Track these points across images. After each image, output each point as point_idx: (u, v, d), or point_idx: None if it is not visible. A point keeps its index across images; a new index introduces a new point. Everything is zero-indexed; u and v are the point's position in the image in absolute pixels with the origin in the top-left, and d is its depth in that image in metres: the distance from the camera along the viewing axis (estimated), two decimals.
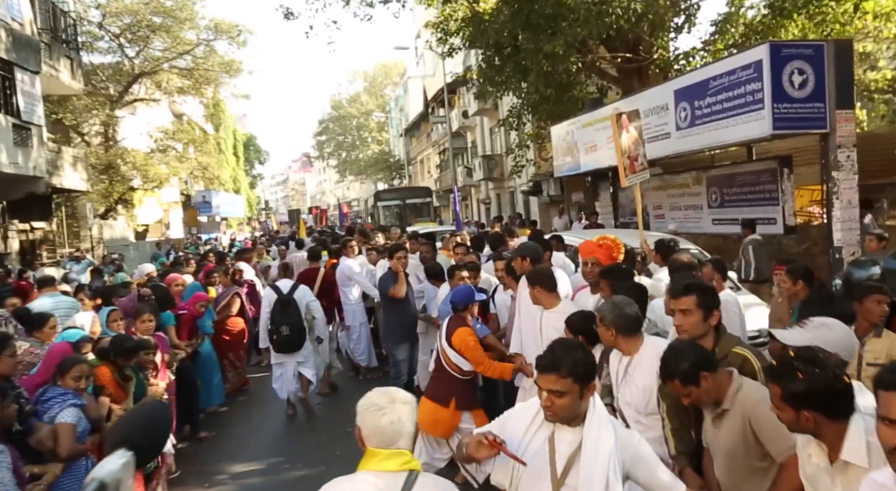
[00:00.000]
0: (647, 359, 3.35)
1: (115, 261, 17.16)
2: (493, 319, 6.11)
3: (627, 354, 3.49)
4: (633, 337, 3.45)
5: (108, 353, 4.57)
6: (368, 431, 2.17)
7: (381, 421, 2.15)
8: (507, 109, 20.32)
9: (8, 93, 14.76)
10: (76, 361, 4.07)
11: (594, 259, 4.74)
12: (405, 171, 54.19)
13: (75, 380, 3.98)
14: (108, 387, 4.46)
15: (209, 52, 29.15)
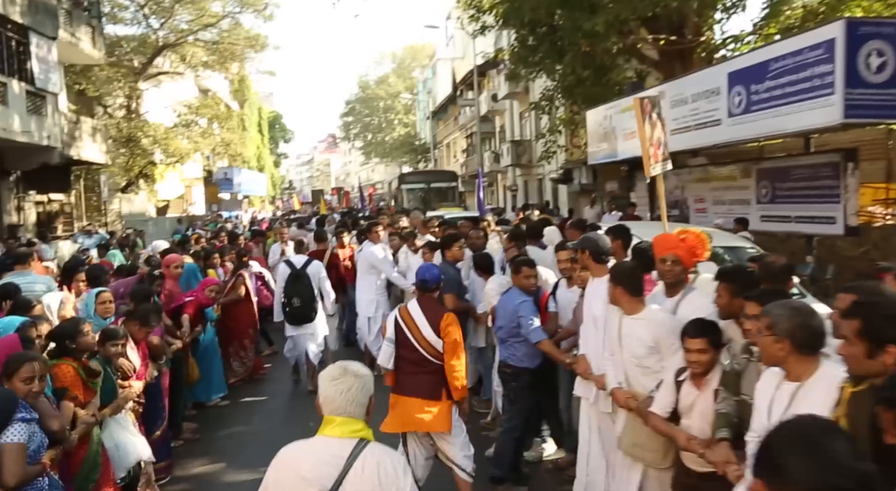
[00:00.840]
0: (822, 390, 2.54)
1: (129, 236, 16.67)
2: (552, 319, 5.40)
3: (795, 379, 2.64)
4: (810, 357, 2.63)
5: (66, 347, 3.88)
6: (323, 399, 2.38)
7: (332, 390, 2.36)
8: (539, 93, 19.41)
9: (22, 58, 14.24)
10: (25, 357, 3.33)
11: (674, 256, 3.97)
12: (431, 154, 53.42)
13: (25, 382, 3.28)
14: (72, 388, 3.78)
15: (235, 25, 28.49)
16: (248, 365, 7.92)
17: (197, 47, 29.12)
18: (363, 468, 2.28)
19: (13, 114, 13.48)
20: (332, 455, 2.30)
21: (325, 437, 2.36)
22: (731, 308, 3.45)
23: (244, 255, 8.17)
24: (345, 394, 2.35)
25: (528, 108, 29.35)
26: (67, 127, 18.93)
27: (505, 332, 5.11)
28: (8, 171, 15.39)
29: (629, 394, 3.86)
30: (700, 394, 3.36)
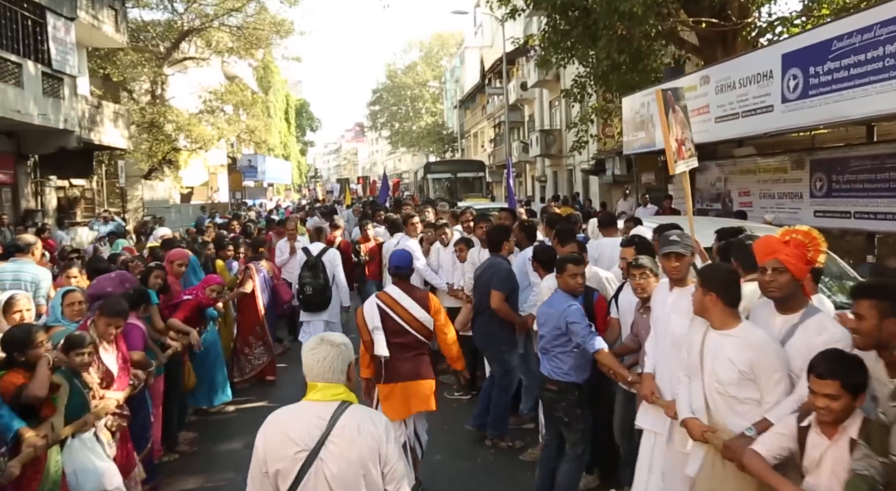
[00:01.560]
0: None
1: (146, 224, 16.28)
2: (613, 327, 4.68)
3: None
4: None
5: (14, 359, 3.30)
6: (306, 368, 2.57)
7: (311, 359, 2.55)
8: (570, 80, 18.59)
9: (39, 39, 13.84)
10: None
11: (777, 263, 3.10)
12: (458, 144, 52.74)
13: None
14: None
15: (260, 9, 28.01)
16: (256, 365, 7.35)
17: (222, 32, 28.73)
18: (344, 428, 2.43)
19: (28, 96, 13.09)
20: (316, 417, 2.46)
21: (308, 401, 2.53)
22: (879, 336, 2.65)
23: (260, 245, 7.58)
24: (321, 362, 2.52)
25: (558, 96, 28.54)
26: (88, 111, 18.61)
27: (549, 340, 4.40)
28: (25, 155, 15.07)
29: (707, 427, 3.10)
30: (831, 445, 2.61)
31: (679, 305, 3.49)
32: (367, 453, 2.43)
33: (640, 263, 4.02)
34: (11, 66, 12.59)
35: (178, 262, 5.94)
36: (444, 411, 6.10)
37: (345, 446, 2.40)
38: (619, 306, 4.63)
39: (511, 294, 5.67)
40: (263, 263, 7.42)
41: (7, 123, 13.22)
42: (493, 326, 5.73)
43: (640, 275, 4.03)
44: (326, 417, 2.45)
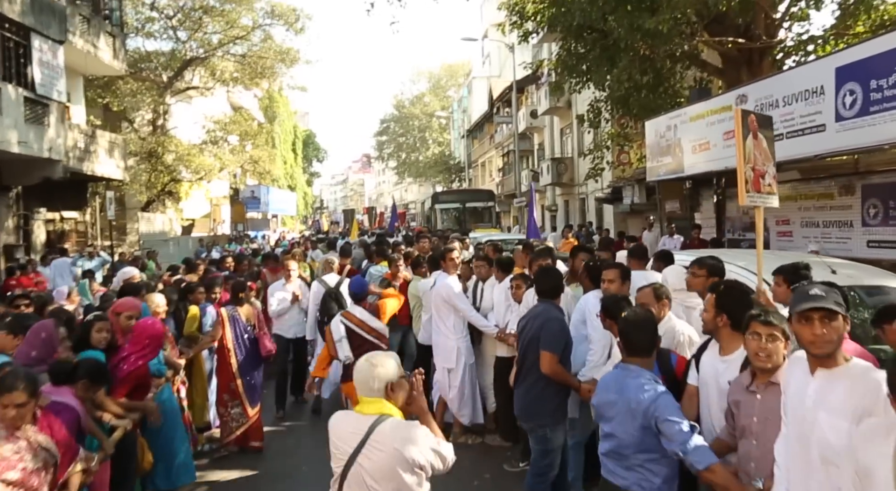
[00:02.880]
0: None
1: (137, 258, 15.31)
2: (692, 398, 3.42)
3: None
4: None
5: None
6: (356, 385, 2.92)
7: (357, 376, 2.91)
8: (586, 106, 17.70)
9: (21, 61, 13.04)
10: None
11: None
12: (465, 174, 51.97)
13: None
14: None
15: (265, 38, 27.44)
16: (234, 428, 6.22)
17: (226, 61, 28.18)
18: (377, 440, 2.72)
19: (7, 122, 12.24)
20: (357, 427, 2.78)
21: (355, 412, 2.89)
22: None
23: (240, 289, 6.44)
24: (360, 378, 2.88)
25: (569, 123, 27.72)
26: (83, 141, 17.83)
27: (624, 444, 3.14)
28: (7, 186, 14.18)
29: None
30: None
31: (829, 399, 2.34)
32: (398, 463, 2.69)
33: (769, 319, 2.79)
34: None
35: (127, 313, 4.82)
36: None
37: (376, 456, 2.70)
38: (701, 371, 3.39)
39: (565, 353, 4.56)
40: (242, 309, 6.31)
41: None
42: (538, 393, 4.56)
43: (769, 336, 2.78)
44: (364, 428, 2.74)
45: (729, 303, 3.20)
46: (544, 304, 4.69)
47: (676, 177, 12.02)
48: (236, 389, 6.22)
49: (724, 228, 12.18)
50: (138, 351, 4.52)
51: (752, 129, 5.76)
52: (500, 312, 6.24)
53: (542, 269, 4.99)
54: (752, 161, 5.72)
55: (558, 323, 4.54)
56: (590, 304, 4.81)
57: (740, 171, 5.55)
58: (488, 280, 6.73)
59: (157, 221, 25.34)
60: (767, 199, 5.88)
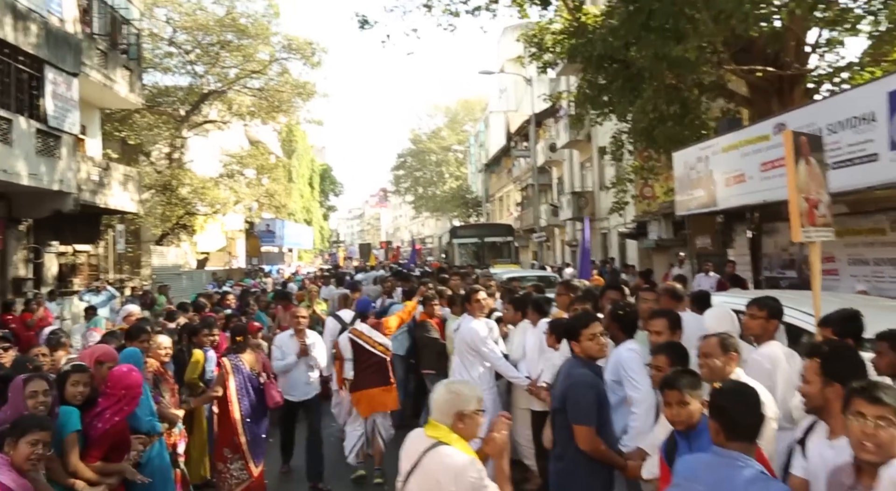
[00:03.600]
0: None
1: (147, 293, 14.89)
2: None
3: None
4: None
5: None
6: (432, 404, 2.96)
7: (432, 396, 2.97)
8: (608, 138, 17.24)
9: (34, 93, 12.81)
10: None
11: None
12: (483, 208, 51.63)
13: None
14: None
15: (282, 72, 27.44)
16: (234, 484, 5.60)
17: (243, 95, 28.21)
18: (427, 464, 2.79)
19: (18, 154, 11.95)
20: (416, 448, 2.86)
21: (422, 433, 2.93)
22: None
23: (239, 333, 5.88)
24: (436, 403, 2.90)
25: (589, 157, 27.29)
26: (97, 173, 17.61)
27: None
28: (17, 218, 13.86)
29: None
30: None
31: None
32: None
33: (878, 395, 2.19)
34: None
35: (101, 361, 4.27)
36: None
37: (421, 480, 2.79)
38: (809, 459, 2.75)
39: (604, 422, 3.82)
40: (245, 355, 5.75)
41: None
42: (574, 470, 3.81)
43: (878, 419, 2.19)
44: (420, 450, 2.83)
45: (841, 370, 2.56)
46: (574, 360, 3.97)
47: (708, 211, 11.41)
48: (239, 444, 5.62)
49: (759, 266, 11.52)
50: (113, 405, 3.94)
51: (803, 153, 5.19)
52: (533, 360, 5.60)
53: (574, 317, 4.36)
54: (804, 190, 5.16)
55: (585, 386, 3.74)
56: (625, 358, 4.11)
57: (793, 202, 4.97)
58: (520, 324, 6.09)
59: (171, 255, 25.04)
60: (823, 232, 5.29)
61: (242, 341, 5.85)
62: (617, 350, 4.26)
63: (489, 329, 5.99)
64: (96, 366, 4.19)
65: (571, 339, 3.99)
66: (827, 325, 3.90)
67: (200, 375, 5.94)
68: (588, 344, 3.88)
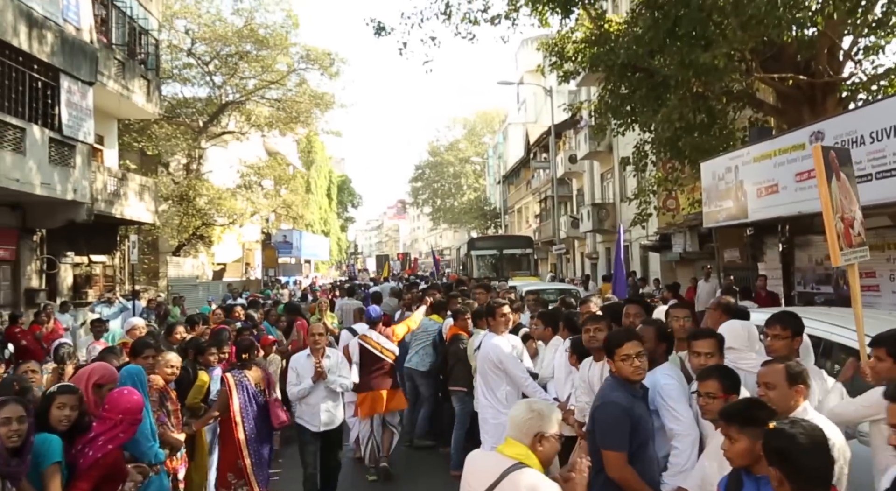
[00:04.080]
0: None
1: (161, 304, 14.66)
2: None
3: None
4: None
5: None
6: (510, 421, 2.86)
7: (511, 414, 2.88)
8: (630, 149, 16.82)
9: (49, 102, 12.69)
10: None
11: None
12: (501, 220, 51.24)
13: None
14: None
15: (300, 83, 27.36)
16: None
17: (261, 106, 28.16)
18: (510, 487, 2.63)
19: (31, 163, 11.80)
20: (493, 468, 2.71)
21: (496, 453, 2.82)
22: None
23: (245, 350, 5.55)
24: (514, 420, 2.82)
25: (610, 168, 26.82)
26: (113, 183, 17.51)
27: None
28: (31, 228, 13.73)
29: None
30: None
31: None
32: None
33: None
34: (12, 130, 11.35)
35: (99, 383, 3.85)
36: None
37: None
38: None
39: (640, 449, 3.44)
40: (250, 372, 5.40)
41: (7, 194, 11.89)
42: None
43: None
44: (499, 470, 2.67)
45: None
46: (613, 381, 3.64)
47: (738, 223, 10.94)
48: (243, 468, 5.26)
49: (792, 280, 11.01)
50: (108, 431, 3.59)
51: (834, 168, 4.80)
52: (560, 380, 5.17)
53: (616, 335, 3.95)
54: (839, 209, 4.76)
55: (616, 407, 3.42)
56: (663, 386, 3.67)
57: (829, 225, 4.57)
58: (551, 341, 5.67)
59: (187, 266, 24.91)
60: (860, 252, 4.90)
61: (248, 357, 5.51)
62: (652, 376, 3.81)
63: (512, 346, 5.60)
64: (94, 388, 3.85)
65: (609, 358, 3.68)
66: (879, 345, 3.51)
67: (204, 398, 5.60)
68: (621, 365, 3.56)
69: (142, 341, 5.29)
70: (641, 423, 3.47)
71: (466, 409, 6.65)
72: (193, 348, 5.93)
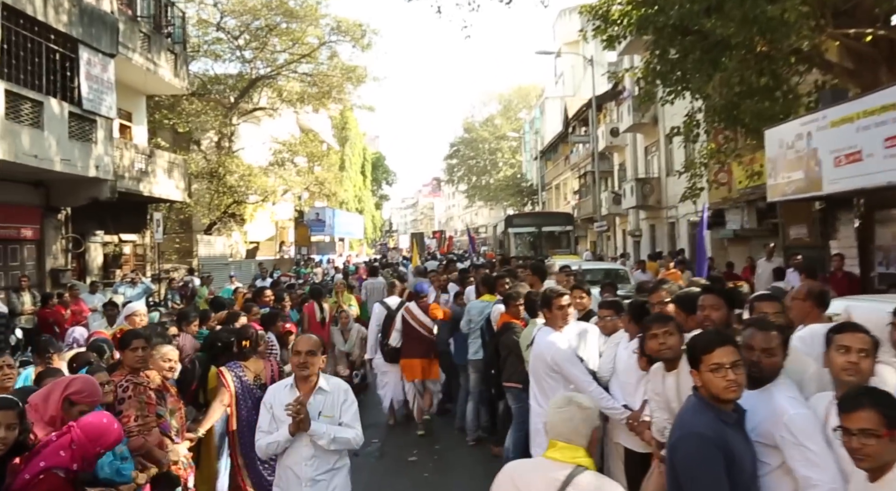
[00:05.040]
0: None
1: (186, 284, 14.18)
2: None
3: None
4: None
5: None
6: (549, 425, 2.59)
7: (556, 417, 2.55)
8: (681, 118, 15.68)
9: (68, 75, 12.13)
10: None
11: None
12: (538, 197, 50.06)
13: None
14: None
15: (331, 56, 26.59)
16: None
17: (293, 81, 27.49)
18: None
19: (50, 139, 11.29)
20: (551, 477, 2.45)
21: (546, 459, 2.54)
22: None
23: (244, 337, 4.74)
24: (567, 422, 2.52)
25: (655, 141, 25.54)
26: (142, 161, 17.07)
27: None
28: (55, 207, 13.30)
29: None
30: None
31: None
32: None
33: None
34: (29, 104, 10.81)
35: (83, 408, 3.07)
36: None
37: None
38: None
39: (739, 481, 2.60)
40: (249, 363, 4.69)
41: (27, 171, 11.41)
42: None
43: None
44: (561, 478, 2.44)
45: None
46: (694, 398, 2.79)
47: (811, 196, 9.86)
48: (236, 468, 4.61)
49: (871, 260, 9.92)
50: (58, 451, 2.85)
51: None
52: (630, 384, 4.28)
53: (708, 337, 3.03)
54: None
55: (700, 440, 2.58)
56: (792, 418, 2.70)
57: None
58: (614, 335, 4.71)
59: (218, 244, 24.54)
60: None
61: (249, 347, 4.80)
62: (768, 397, 2.81)
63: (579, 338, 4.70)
64: (66, 403, 3.14)
65: (692, 367, 2.80)
66: None
67: None
68: (710, 377, 2.68)
69: (132, 332, 4.54)
70: (738, 460, 2.60)
71: (525, 407, 5.50)
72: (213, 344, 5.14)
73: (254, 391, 4.67)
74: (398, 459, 6.94)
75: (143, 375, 3.98)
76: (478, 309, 7.16)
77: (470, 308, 7.31)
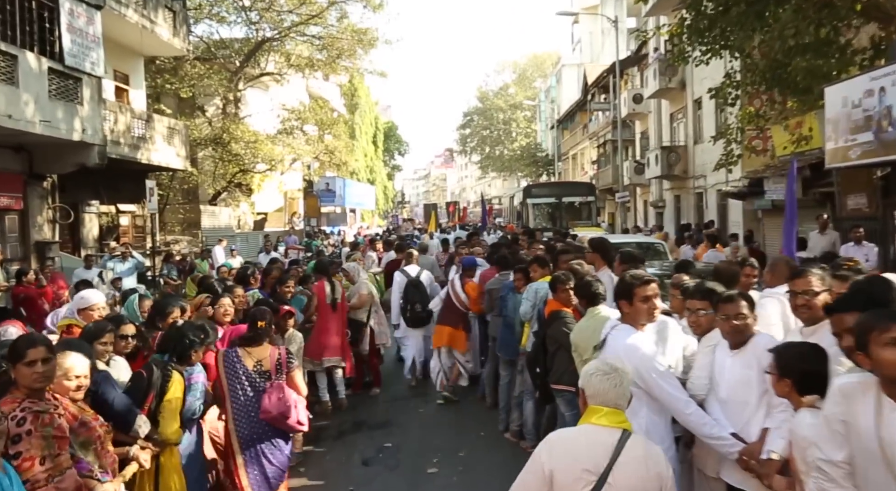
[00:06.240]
0: None
1: (184, 258, 13.22)
2: None
3: None
4: None
5: None
6: (592, 392, 2.58)
7: (606, 384, 2.55)
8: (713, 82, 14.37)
9: (48, 26, 11.03)
10: None
11: None
12: (554, 167, 48.69)
13: None
14: None
15: (340, 18, 25.25)
16: None
17: (300, 44, 26.20)
18: (631, 457, 2.44)
19: (26, 97, 10.24)
20: (601, 443, 2.47)
21: (592, 425, 2.53)
22: None
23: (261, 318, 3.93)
24: (616, 388, 2.54)
25: (681, 107, 24.16)
26: (139, 126, 16.04)
27: None
28: (40, 174, 12.32)
29: None
30: None
31: None
32: (651, 487, 2.45)
33: None
34: (0, 58, 9.74)
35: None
36: None
37: (631, 476, 2.42)
38: None
39: None
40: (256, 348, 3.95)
41: (4, 134, 10.41)
42: None
43: None
44: (612, 443, 2.46)
45: None
46: None
47: (880, 161, 8.66)
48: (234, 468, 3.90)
49: None
50: None
51: None
52: (738, 402, 3.19)
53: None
54: None
55: None
56: None
57: None
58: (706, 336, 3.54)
59: (223, 215, 23.57)
60: None
61: (264, 328, 4.14)
62: None
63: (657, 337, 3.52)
64: None
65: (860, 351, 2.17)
66: None
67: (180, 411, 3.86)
68: None
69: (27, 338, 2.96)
70: None
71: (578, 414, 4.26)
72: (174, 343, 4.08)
73: (254, 378, 4.06)
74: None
75: (50, 397, 2.90)
76: (540, 293, 5.71)
77: (535, 290, 5.82)
